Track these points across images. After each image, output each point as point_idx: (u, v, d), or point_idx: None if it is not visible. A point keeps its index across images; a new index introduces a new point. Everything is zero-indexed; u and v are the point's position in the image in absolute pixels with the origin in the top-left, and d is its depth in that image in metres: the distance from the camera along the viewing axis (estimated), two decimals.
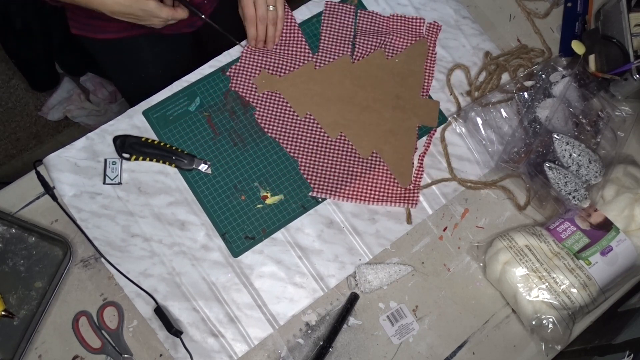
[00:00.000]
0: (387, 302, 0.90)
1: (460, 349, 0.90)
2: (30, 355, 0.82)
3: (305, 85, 0.96)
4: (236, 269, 0.88)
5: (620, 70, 0.96)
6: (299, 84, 0.96)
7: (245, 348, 0.85)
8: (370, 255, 0.91)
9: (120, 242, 0.87)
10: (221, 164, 0.92)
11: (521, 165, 0.94)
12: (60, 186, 0.88)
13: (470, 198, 0.97)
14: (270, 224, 0.91)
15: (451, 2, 1.07)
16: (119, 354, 0.83)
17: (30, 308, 0.84)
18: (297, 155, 0.93)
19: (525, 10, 1.10)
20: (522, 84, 1.01)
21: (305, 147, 0.94)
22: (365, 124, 0.96)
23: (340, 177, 0.93)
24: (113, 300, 0.85)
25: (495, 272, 0.89)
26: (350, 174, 0.94)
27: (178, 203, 0.90)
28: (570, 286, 0.86)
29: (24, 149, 1.69)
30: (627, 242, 0.89)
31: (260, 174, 0.93)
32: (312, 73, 0.97)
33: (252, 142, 0.94)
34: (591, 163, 0.93)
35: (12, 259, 0.85)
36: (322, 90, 0.96)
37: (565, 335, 0.86)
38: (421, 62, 1.01)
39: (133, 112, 0.93)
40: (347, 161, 0.94)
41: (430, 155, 0.98)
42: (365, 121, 0.96)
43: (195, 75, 0.96)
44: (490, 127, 0.98)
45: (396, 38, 1.01)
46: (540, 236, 0.90)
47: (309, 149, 0.94)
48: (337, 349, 0.87)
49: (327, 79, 0.97)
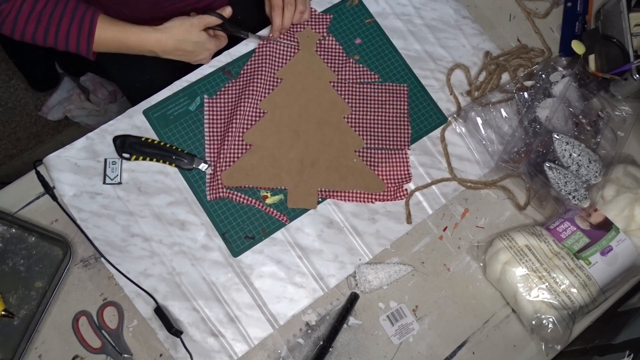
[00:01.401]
0: (387, 302, 0.90)
1: (460, 349, 0.90)
2: (30, 355, 0.82)
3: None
4: (236, 268, 0.88)
5: (620, 70, 0.96)
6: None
7: (245, 348, 0.85)
8: (370, 255, 0.91)
9: (120, 242, 0.87)
10: None
11: (521, 165, 0.94)
12: (60, 186, 0.88)
13: (470, 198, 0.97)
14: (270, 224, 0.91)
15: (451, 2, 1.07)
16: (119, 354, 0.83)
17: (30, 308, 0.84)
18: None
19: (525, 10, 1.10)
20: (522, 83, 1.01)
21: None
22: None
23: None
24: (113, 300, 0.85)
25: (495, 272, 0.89)
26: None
27: (178, 203, 0.89)
28: (570, 286, 0.86)
29: (24, 149, 1.69)
30: (627, 242, 0.89)
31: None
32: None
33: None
34: (591, 163, 0.93)
35: (12, 259, 0.85)
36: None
37: (565, 335, 0.86)
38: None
39: (133, 112, 0.93)
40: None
41: (430, 155, 0.98)
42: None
43: (195, 74, 0.96)
44: (490, 127, 0.98)
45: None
46: (540, 236, 0.90)
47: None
48: (337, 349, 0.87)
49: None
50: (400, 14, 1.05)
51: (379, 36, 1.03)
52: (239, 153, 0.92)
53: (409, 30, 1.04)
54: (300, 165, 0.93)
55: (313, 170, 0.93)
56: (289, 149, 0.94)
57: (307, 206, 0.92)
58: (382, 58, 1.02)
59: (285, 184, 0.92)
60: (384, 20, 1.04)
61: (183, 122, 0.93)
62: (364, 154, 0.95)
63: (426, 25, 1.05)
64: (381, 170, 0.95)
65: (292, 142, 0.94)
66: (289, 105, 0.96)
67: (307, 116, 0.95)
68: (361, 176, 0.94)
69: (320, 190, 0.93)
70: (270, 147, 0.93)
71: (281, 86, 0.97)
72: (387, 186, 0.94)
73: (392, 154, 0.96)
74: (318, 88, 0.97)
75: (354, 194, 0.93)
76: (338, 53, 1.00)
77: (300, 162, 0.93)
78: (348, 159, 0.95)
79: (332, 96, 0.97)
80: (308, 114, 0.96)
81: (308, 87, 0.97)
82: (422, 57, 1.03)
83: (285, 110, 0.96)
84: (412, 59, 1.03)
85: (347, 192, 0.93)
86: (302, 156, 0.93)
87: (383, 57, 1.02)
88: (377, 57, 1.02)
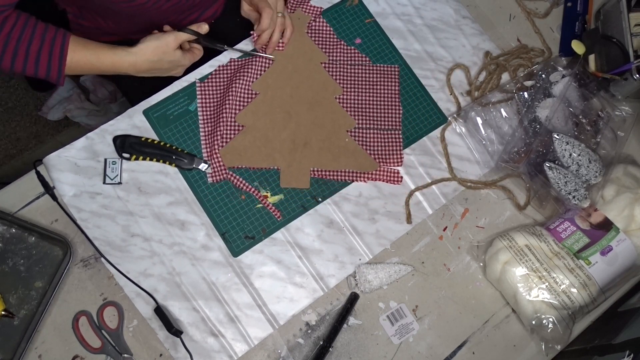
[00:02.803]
0: (387, 302, 0.90)
1: (460, 349, 0.90)
2: (30, 355, 0.82)
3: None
4: (236, 268, 0.88)
5: (620, 70, 0.96)
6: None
7: (245, 348, 0.85)
8: (370, 255, 0.91)
9: (120, 242, 0.87)
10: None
11: (521, 165, 0.94)
12: (60, 186, 0.88)
13: (470, 198, 0.97)
14: (270, 224, 0.91)
15: (451, 2, 1.07)
16: (119, 354, 0.83)
17: (30, 308, 0.84)
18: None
19: (525, 10, 1.10)
20: (522, 83, 1.01)
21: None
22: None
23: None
24: (113, 300, 0.85)
25: (495, 271, 0.89)
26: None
27: (178, 203, 0.89)
28: (570, 286, 0.86)
29: (24, 149, 1.69)
30: (627, 241, 0.89)
31: (260, 174, 0.93)
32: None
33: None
34: (591, 163, 0.93)
35: (12, 258, 0.85)
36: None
37: (565, 335, 0.86)
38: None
39: (133, 111, 0.93)
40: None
41: (430, 155, 0.98)
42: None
43: (195, 75, 0.96)
44: (490, 127, 0.98)
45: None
46: (540, 236, 0.90)
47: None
48: (337, 349, 0.87)
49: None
50: (400, 14, 1.05)
51: (379, 36, 1.03)
52: (231, 134, 0.93)
53: (409, 30, 1.04)
54: (292, 146, 0.94)
55: (305, 151, 0.94)
56: (281, 130, 0.94)
57: (300, 186, 0.92)
58: (382, 58, 1.02)
59: (278, 164, 0.93)
60: (384, 20, 1.04)
61: (183, 122, 0.93)
62: (355, 133, 0.96)
63: (426, 25, 1.05)
64: (373, 150, 0.96)
65: (284, 122, 0.95)
66: (281, 86, 0.97)
67: (298, 97, 0.96)
68: (353, 156, 0.95)
69: (313, 170, 0.93)
70: (262, 128, 0.94)
71: (273, 67, 0.97)
72: (380, 165, 0.95)
73: (384, 134, 0.97)
74: (309, 69, 0.98)
75: (346, 173, 0.94)
76: (328, 34, 1.01)
77: (292, 142, 0.94)
78: (340, 138, 0.95)
79: (324, 77, 0.98)
80: (300, 95, 0.96)
81: (299, 69, 0.98)
82: (422, 57, 1.03)
83: (277, 91, 0.96)
84: (412, 59, 1.03)
85: (339, 171, 0.94)
86: (294, 137, 0.94)
87: (383, 57, 1.02)
88: (377, 57, 1.02)
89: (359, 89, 0.99)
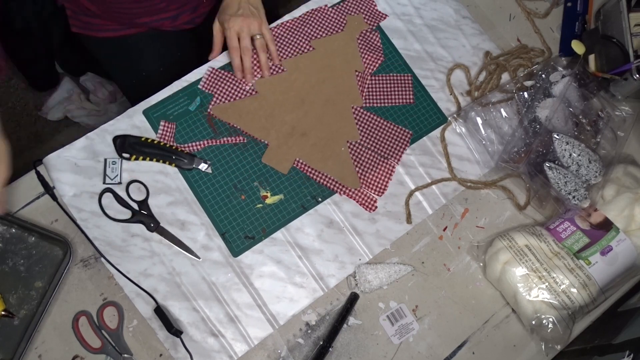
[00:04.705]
0: (387, 302, 0.90)
1: (460, 349, 0.90)
2: (30, 355, 0.82)
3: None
4: (236, 268, 0.88)
5: (620, 70, 0.96)
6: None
7: (245, 348, 0.85)
8: (370, 255, 0.91)
9: (120, 242, 0.87)
10: (221, 163, 0.92)
11: (521, 165, 0.94)
12: (60, 186, 0.88)
13: (470, 198, 0.97)
14: (270, 224, 0.91)
15: (451, 2, 1.07)
16: (119, 354, 0.83)
17: (30, 308, 0.84)
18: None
19: (525, 10, 1.10)
20: (522, 83, 1.01)
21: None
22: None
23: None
24: (113, 300, 0.85)
25: (495, 272, 0.89)
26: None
27: (178, 203, 0.89)
28: (570, 286, 0.86)
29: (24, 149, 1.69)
30: (627, 241, 0.89)
31: (260, 174, 0.93)
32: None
33: (252, 142, 0.94)
34: (591, 163, 0.93)
35: (12, 258, 0.85)
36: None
37: (565, 335, 0.86)
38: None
39: (133, 111, 0.93)
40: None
41: (430, 155, 0.98)
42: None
43: (195, 74, 0.96)
44: (490, 127, 0.98)
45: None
46: (540, 236, 0.90)
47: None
48: (337, 349, 0.87)
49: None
50: (400, 14, 1.05)
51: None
52: (242, 94, 0.95)
53: (409, 30, 1.04)
54: (290, 130, 0.94)
55: (300, 140, 0.94)
56: (288, 112, 0.95)
57: (279, 168, 0.93)
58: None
59: (269, 139, 0.93)
60: (384, 20, 1.04)
61: (183, 122, 0.93)
62: (354, 147, 0.96)
63: (426, 25, 1.05)
64: (362, 170, 0.95)
65: (294, 107, 0.96)
66: (309, 73, 0.98)
67: (319, 90, 0.97)
68: (341, 165, 0.94)
69: (298, 160, 0.93)
70: (272, 103, 0.95)
71: (310, 54, 0.99)
72: (361, 186, 0.94)
73: (380, 160, 0.96)
74: (342, 70, 0.99)
75: (326, 177, 0.93)
76: (376, 49, 1.01)
77: (292, 127, 0.94)
78: (337, 145, 0.95)
79: (351, 84, 0.98)
80: (321, 89, 0.97)
81: (333, 66, 0.99)
82: (422, 57, 1.03)
83: (302, 76, 0.97)
84: (412, 59, 1.03)
85: (321, 173, 0.94)
86: (296, 123, 0.95)
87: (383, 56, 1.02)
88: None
89: (375, 109, 0.99)
